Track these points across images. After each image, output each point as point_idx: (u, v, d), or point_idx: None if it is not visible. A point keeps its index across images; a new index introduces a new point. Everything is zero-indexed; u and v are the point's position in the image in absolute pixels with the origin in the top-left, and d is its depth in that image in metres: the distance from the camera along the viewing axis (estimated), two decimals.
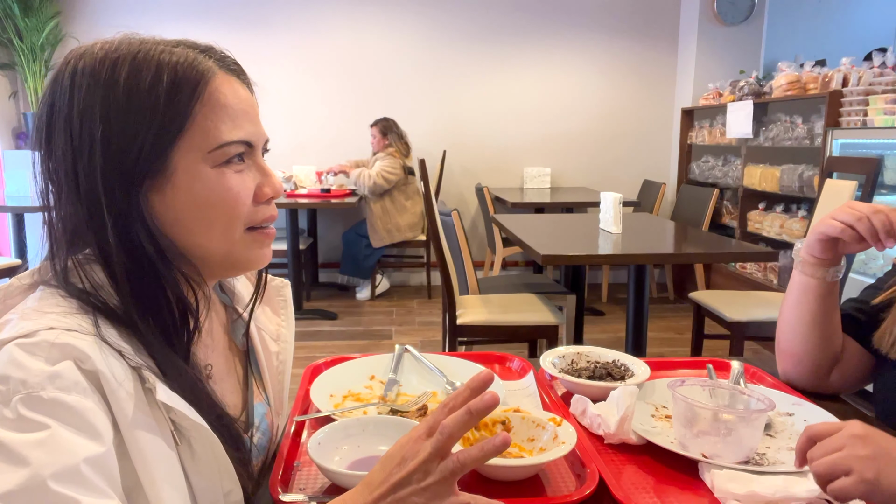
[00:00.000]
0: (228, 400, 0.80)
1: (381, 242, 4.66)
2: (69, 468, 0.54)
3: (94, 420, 0.58)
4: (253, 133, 0.72)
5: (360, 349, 3.67)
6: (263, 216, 0.75)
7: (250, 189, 0.73)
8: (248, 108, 0.73)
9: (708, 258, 3.44)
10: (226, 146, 0.69)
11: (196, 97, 0.67)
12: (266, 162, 0.77)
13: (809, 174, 3.59)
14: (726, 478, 0.75)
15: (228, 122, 0.70)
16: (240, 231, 0.73)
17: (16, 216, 3.87)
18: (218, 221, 0.71)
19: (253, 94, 0.77)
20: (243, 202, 0.72)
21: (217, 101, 0.69)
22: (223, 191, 0.70)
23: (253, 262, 0.77)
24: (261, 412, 0.86)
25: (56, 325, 0.60)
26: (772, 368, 1.14)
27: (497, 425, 0.86)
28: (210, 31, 4.86)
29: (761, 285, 3.90)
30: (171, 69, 0.67)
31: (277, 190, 0.76)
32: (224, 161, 0.70)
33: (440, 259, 2.63)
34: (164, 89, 0.66)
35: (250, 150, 0.73)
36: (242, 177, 0.72)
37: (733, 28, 4.89)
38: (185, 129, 0.67)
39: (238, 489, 0.71)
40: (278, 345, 0.93)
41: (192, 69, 0.68)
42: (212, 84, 0.69)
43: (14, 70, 4.82)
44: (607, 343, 1.82)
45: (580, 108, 5.25)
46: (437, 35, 5.11)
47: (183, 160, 0.68)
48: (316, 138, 5.13)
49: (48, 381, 0.57)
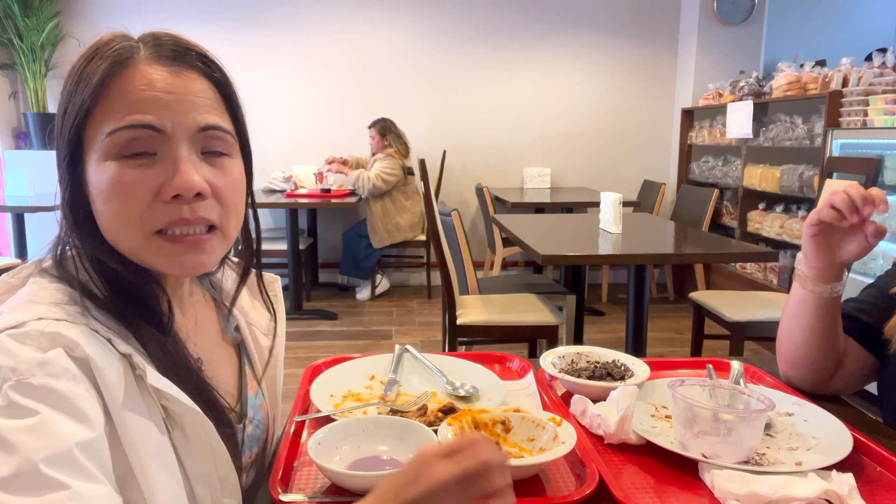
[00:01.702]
0: (222, 392, 0.80)
1: (382, 243, 4.66)
2: (61, 453, 0.54)
3: (85, 406, 0.58)
4: (160, 118, 0.65)
5: (360, 349, 3.67)
6: (168, 218, 0.66)
7: (150, 185, 0.65)
8: (164, 94, 0.66)
9: (708, 258, 3.44)
10: (116, 132, 0.64)
11: (102, 84, 0.65)
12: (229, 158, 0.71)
13: (809, 174, 3.59)
14: (726, 478, 0.75)
15: (127, 107, 0.65)
16: (140, 234, 0.66)
17: (16, 216, 3.86)
18: (115, 218, 0.66)
19: (219, 84, 0.71)
20: (134, 199, 0.65)
21: (120, 88, 0.65)
22: (113, 184, 0.65)
23: (165, 268, 0.69)
24: (255, 404, 0.87)
25: (45, 315, 0.61)
26: (772, 368, 1.14)
27: (497, 425, 0.86)
28: (210, 32, 4.86)
29: (761, 285, 3.90)
30: (93, 56, 0.67)
31: (182, 186, 0.65)
32: (119, 152, 0.65)
33: (440, 259, 2.63)
34: (77, 74, 0.67)
35: (161, 137, 0.65)
36: (143, 171, 0.65)
37: (733, 28, 4.89)
38: (90, 112, 0.65)
39: (233, 474, 0.72)
40: (269, 339, 0.94)
41: (107, 55, 0.66)
42: (123, 71, 0.66)
43: (14, 70, 4.82)
44: (607, 343, 1.82)
45: (580, 108, 5.25)
46: (437, 35, 5.11)
47: (89, 147, 0.67)
48: (316, 138, 5.13)
49: (38, 367, 0.57)
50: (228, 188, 0.70)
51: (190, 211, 0.67)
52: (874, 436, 0.87)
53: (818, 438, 0.87)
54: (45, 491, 0.52)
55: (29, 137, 4.84)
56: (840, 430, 0.88)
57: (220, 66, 0.72)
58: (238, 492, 0.74)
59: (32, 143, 4.81)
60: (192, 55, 0.70)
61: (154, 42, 0.69)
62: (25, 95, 4.84)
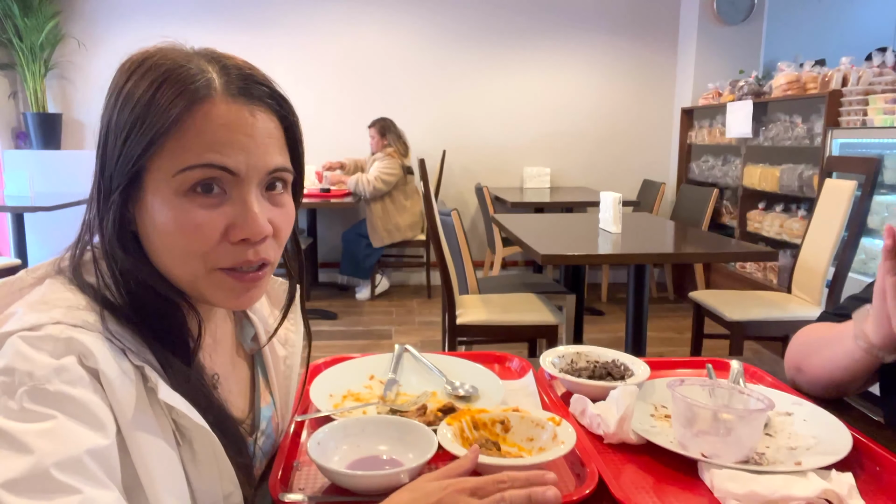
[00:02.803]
0: (234, 403, 0.80)
1: (382, 242, 4.66)
2: (72, 458, 0.54)
3: (99, 413, 0.58)
4: (235, 160, 0.64)
5: (359, 349, 3.67)
6: (234, 259, 0.67)
7: (217, 226, 0.65)
8: (241, 136, 0.65)
9: (708, 258, 3.44)
10: (189, 170, 0.63)
11: (175, 117, 0.63)
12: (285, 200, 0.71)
13: (809, 174, 3.59)
14: (726, 477, 0.75)
15: (202, 146, 0.64)
16: (203, 268, 0.67)
17: (16, 216, 3.86)
18: (177, 252, 0.66)
19: (287, 123, 0.71)
20: (203, 239, 0.65)
21: (196, 125, 0.63)
22: (181, 222, 0.64)
23: (221, 303, 0.70)
24: (266, 416, 0.86)
25: (62, 320, 0.61)
26: (771, 368, 1.14)
27: (496, 425, 0.86)
28: (210, 31, 4.86)
29: (761, 285, 3.90)
30: (165, 82, 0.64)
31: (252, 231, 0.66)
32: (189, 188, 0.64)
33: (440, 259, 2.63)
34: (145, 102, 0.63)
35: (233, 178, 0.65)
36: (211, 212, 0.65)
37: (733, 28, 4.89)
38: (158, 146, 0.63)
39: (238, 492, 0.71)
40: (286, 349, 0.92)
41: (184, 86, 0.63)
42: (198, 107, 0.64)
43: (14, 70, 4.82)
44: (607, 343, 1.81)
45: (580, 107, 5.25)
46: (437, 35, 5.11)
47: (153, 179, 0.65)
48: (316, 138, 5.12)
49: (54, 374, 0.57)
50: (286, 226, 0.71)
51: (254, 253, 0.68)
52: (874, 436, 0.87)
53: (818, 438, 0.87)
54: (54, 495, 0.52)
55: (28, 137, 4.84)
56: (840, 429, 0.88)
57: (290, 105, 0.72)
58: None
59: (32, 143, 4.81)
60: (265, 91, 0.69)
61: (227, 73, 0.67)
62: (25, 95, 4.83)
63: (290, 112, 0.72)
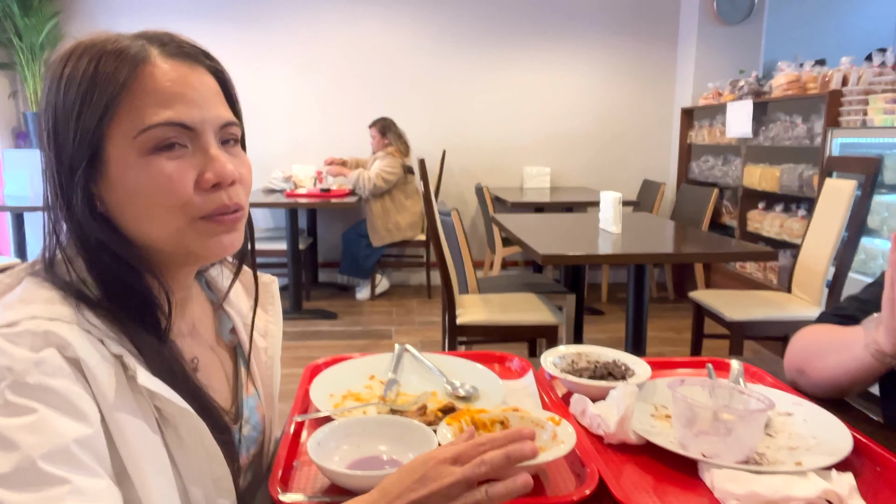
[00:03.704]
0: (217, 392, 0.80)
1: (382, 241, 4.66)
2: (59, 448, 0.55)
3: (81, 403, 0.59)
4: (189, 115, 0.68)
5: (359, 349, 3.67)
6: (213, 205, 0.70)
7: (188, 176, 0.68)
8: (188, 89, 0.68)
9: (708, 258, 3.44)
10: (150, 129, 0.66)
11: (121, 83, 0.65)
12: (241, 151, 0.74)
13: (809, 174, 3.59)
14: (726, 477, 0.75)
15: (155, 105, 0.66)
16: (184, 220, 0.69)
17: (15, 216, 3.87)
18: (156, 211, 0.68)
19: (221, 78, 0.74)
20: (179, 191, 0.67)
21: (145, 85, 0.66)
22: (154, 179, 0.66)
23: (210, 251, 0.73)
24: (251, 405, 0.87)
25: (38, 314, 0.62)
26: (772, 368, 1.14)
27: (496, 425, 0.86)
28: (210, 31, 4.86)
29: (761, 285, 3.89)
30: (101, 57, 0.66)
31: (222, 175, 0.69)
32: (154, 146, 0.66)
33: (440, 259, 2.63)
34: (90, 77, 0.65)
35: (191, 133, 0.68)
36: (179, 164, 0.68)
37: (733, 28, 4.89)
38: (111, 115, 0.65)
39: (227, 476, 0.72)
40: (266, 340, 0.94)
41: (121, 55, 0.66)
42: (141, 69, 0.66)
43: (14, 70, 4.82)
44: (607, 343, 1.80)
45: (580, 107, 5.25)
46: (437, 35, 5.11)
47: (114, 149, 0.66)
48: (316, 138, 5.13)
49: (34, 366, 0.58)
50: (247, 174, 0.75)
51: (227, 197, 0.71)
52: (874, 436, 0.87)
53: (818, 438, 0.87)
54: (44, 487, 0.53)
55: (28, 137, 4.84)
56: (840, 429, 0.88)
57: (220, 62, 0.76)
58: (233, 493, 0.74)
59: (32, 142, 4.81)
60: (198, 52, 0.73)
61: (158, 41, 0.70)
62: (25, 95, 4.83)
63: (223, 68, 0.76)
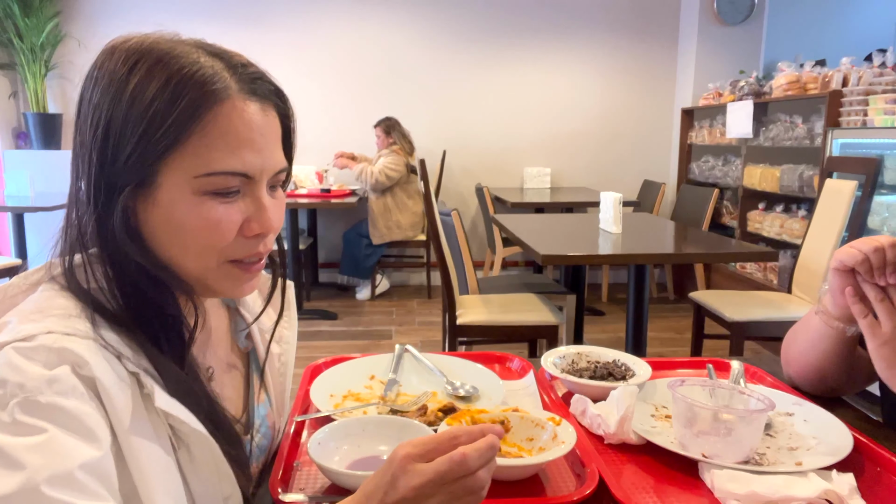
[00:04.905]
0: (229, 401, 0.79)
1: (382, 239, 4.66)
2: (64, 473, 0.53)
3: (92, 424, 0.57)
4: (253, 165, 0.67)
5: (360, 349, 3.67)
6: (247, 252, 0.70)
7: (235, 222, 0.68)
8: (257, 135, 0.67)
9: (708, 258, 3.44)
10: (213, 176, 0.65)
11: (196, 118, 0.63)
12: (278, 194, 0.73)
13: (809, 174, 3.59)
14: (726, 478, 0.75)
15: (225, 150, 0.65)
16: (216, 261, 0.69)
17: (16, 216, 3.86)
18: (193, 247, 0.67)
19: (282, 116, 0.72)
20: (222, 235, 0.67)
21: (218, 126, 0.64)
22: (202, 220, 0.66)
23: (226, 293, 0.73)
24: (262, 413, 0.86)
25: (54, 329, 0.60)
26: (772, 368, 1.14)
27: (496, 425, 0.86)
28: (210, 31, 4.81)
29: (761, 285, 3.89)
30: (180, 82, 0.63)
31: (266, 226, 0.69)
32: (211, 190, 0.66)
33: (440, 259, 2.63)
34: (165, 101, 0.62)
35: (248, 180, 0.68)
36: (229, 208, 0.67)
37: (733, 28, 4.89)
38: (176, 147, 0.63)
39: (237, 493, 0.71)
40: (280, 346, 0.92)
41: (202, 87, 0.64)
42: (218, 107, 0.64)
43: (14, 70, 4.82)
44: (607, 343, 1.81)
45: (580, 108, 5.25)
46: (437, 35, 5.11)
47: (169, 178, 0.65)
48: (316, 138, 5.12)
49: (46, 385, 0.56)
50: (282, 220, 0.74)
51: (263, 246, 0.72)
52: (874, 436, 0.87)
53: (818, 438, 0.87)
54: None
55: (29, 137, 4.84)
56: (840, 430, 0.88)
57: (288, 101, 0.74)
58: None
59: (32, 143, 4.81)
60: (271, 89, 0.71)
61: (234, 69, 0.67)
62: (25, 95, 4.84)
63: (289, 107, 0.74)
